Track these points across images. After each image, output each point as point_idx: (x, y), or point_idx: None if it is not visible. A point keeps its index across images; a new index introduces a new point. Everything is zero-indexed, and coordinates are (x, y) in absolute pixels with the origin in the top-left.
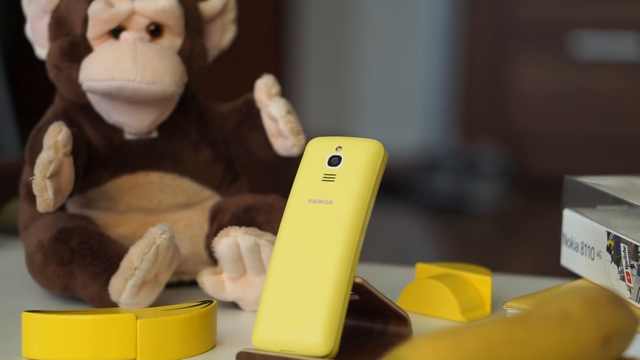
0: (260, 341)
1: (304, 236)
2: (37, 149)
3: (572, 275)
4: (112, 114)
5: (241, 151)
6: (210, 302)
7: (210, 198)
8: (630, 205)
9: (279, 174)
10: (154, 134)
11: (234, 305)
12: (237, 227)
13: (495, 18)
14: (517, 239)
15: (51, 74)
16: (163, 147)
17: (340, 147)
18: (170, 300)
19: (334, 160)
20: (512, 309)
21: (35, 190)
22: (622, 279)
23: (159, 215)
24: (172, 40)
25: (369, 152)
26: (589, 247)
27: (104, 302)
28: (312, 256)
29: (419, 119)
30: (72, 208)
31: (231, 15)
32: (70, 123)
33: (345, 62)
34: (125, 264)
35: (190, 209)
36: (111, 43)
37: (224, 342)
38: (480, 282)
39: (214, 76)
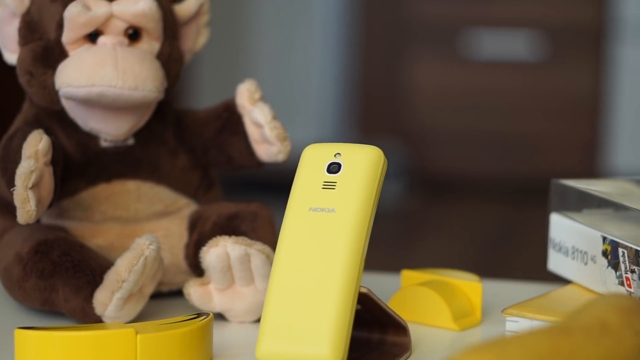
0: (265, 354)
1: (307, 245)
2: (11, 158)
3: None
4: (89, 120)
5: (221, 158)
6: (206, 314)
7: (186, 206)
8: (629, 209)
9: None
10: (130, 141)
11: (219, 317)
12: (226, 237)
13: (392, 16)
14: (421, 237)
15: (23, 79)
16: (140, 154)
17: (339, 153)
18: (152, 312)
19: (334, 168)
20: (511, 316)
21: (17, 201)
22: (621, 284)
23: (137, 225)
24: (150, 45)
25: (370, 159)
26: (581, 251)
27: (87, 316)
28: (316, 266)
29: (316, 118)
30: (45, 219)
31: (205, 17)
32: (44, 131)
33: (240, 61)
34: (112, 277)
35: (167, 218)
36: (89, 48)
37: (219, 356)
38: (470, 289)
39: None
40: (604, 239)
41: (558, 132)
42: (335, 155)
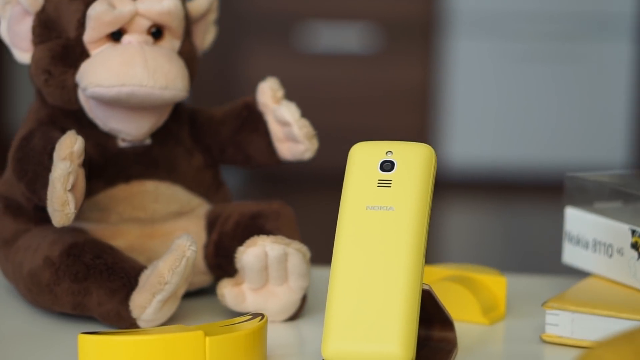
0: (333, 354)
1: (367, 244)
2: (31, 159)
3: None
4: (109, 121)
5: (239, 156)
6: (261, 315)
7: (200, 206)
8: None
9: None
10: (148, 141)
11: None
12: (264, 236)
13: (227, 10)
14: None
15: (39, 79)
16: (158, 154)
17: (390, 151)
18: (178, 314)
19: (387, 166)
20: (553, 309)
21: (56, 204)
22: None
23: (155, 226)
24: (172, 43)
25: (423, 156)
26: (605, 244)
27: (121, 320)
28: (379, 264)
29: None
30: None
31: (213, 15)
32: (61, 131)
33: None
34: (153, 279)
35: (184, 218)
36: (116, 47)
37: (272, 356)
38: (495, 283)
39: None
40: (633, 232)
41: (390, 124)
42: (386, 154)
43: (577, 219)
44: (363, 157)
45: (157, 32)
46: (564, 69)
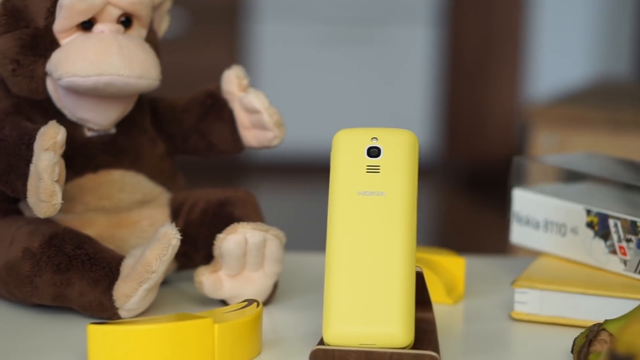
0: (335, 337)
1: (361, 229)
2: (4, 150)
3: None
4: (78, 110)
5: (201, 144)
6: (255, 301)
7: (161, 194)
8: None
9: None
10: (113, 130)
11: (223, 304)
12: (244, 223)
13: None
14: None
15: (6, 69)
16: (124, 143)
17: (375, 138)
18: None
19: (374, 152)
20: (522, 288)
21: (45, 195)
22: (613, 252)
23: (122, 215)
24: (139, 32)
25: (408, 142)
26: (557, 224)
27: (104, 310)
28: (375, 248)
29: None
30: (28, 212)
31: (169, 4)
32: (29, 121)
33: None
34: (141, 268)
35: (148, 207)
36: (89, 36)
37: (265, 340)
38: (453, 264)
39: None
40: (589, 211)
41: None
42: (372, 140)
43: (526, 200)
44: (349, 144)
45: (126, 21)
46: (365, 52)
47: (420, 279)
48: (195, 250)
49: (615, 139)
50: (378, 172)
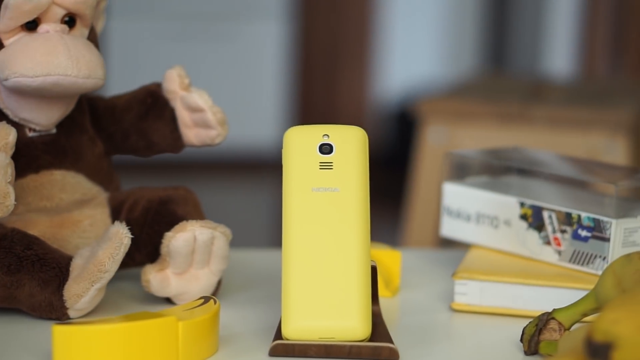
0: (295, 332)
1: (317, 224)
2: None
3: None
4: (21, 111)
5: (141, 143)
6: (212, 298)
7: (99, 194)
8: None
9: None
10: (53, 130)
11: (167, 302)
12: (192, 222)
13: None
14: None
15: None
16: (65, 143)
17: (327, 135)
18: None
19: (326, 149)
20: (462, 279)
21: None
22: (547, 243)
23: (62, 215)
24: (82, 31)
25: (358, 138)
26: (489, 216)
27: (53, 310)
28: (331, 243)
29: None
30: None
31: (105, 3)
32: None
33: None
34: (93, 267)
35: (88, 206)
36: (35, 36)
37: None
38: (389, 257)
39: None
40: (522, 204)
41: None
42: (323, 137)
43: (456, 194)
44: (300, 141)
45: (70, 21)
46: (218, 47)
47: (373, 273)
48: (137, 249)
49: (504, 132)
50: (331, 168)
